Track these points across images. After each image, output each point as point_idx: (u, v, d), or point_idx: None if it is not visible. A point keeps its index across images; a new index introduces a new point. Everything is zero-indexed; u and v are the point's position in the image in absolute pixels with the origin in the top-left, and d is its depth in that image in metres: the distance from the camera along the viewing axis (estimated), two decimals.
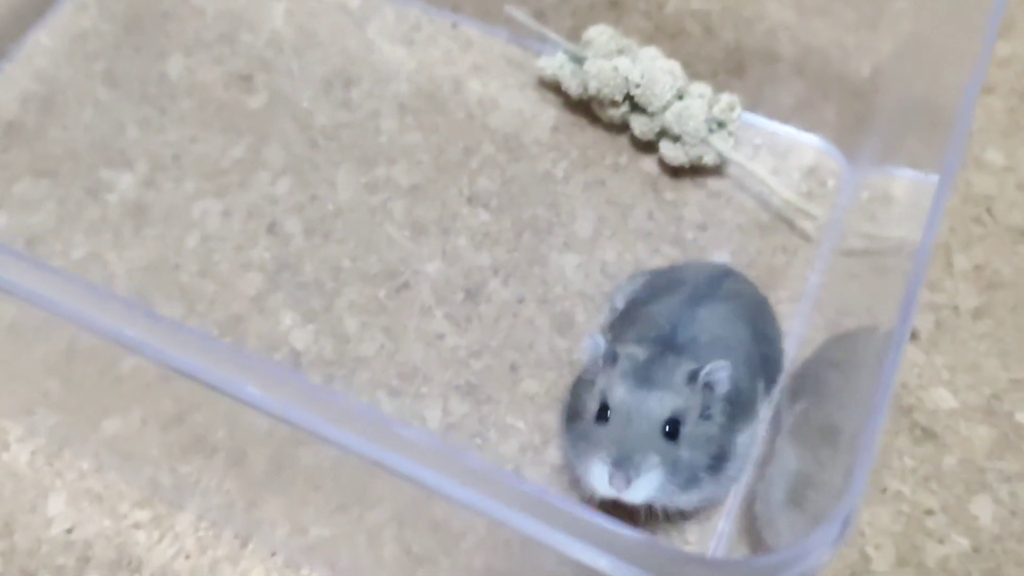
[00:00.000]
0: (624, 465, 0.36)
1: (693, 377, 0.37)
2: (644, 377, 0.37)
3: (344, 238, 0.49)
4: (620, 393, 0.37)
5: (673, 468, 0.37)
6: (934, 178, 0.34)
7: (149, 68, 0.54)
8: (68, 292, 0.28)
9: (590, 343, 0.39)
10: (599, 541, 0.26)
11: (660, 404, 0.37)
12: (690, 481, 0.37)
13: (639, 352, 0.38)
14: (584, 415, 0.39)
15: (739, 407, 0.39)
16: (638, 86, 0.48)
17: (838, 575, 0.41)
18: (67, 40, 0.55)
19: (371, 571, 0.43)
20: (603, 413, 0.37)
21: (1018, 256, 0.48)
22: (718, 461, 0.38)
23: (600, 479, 0.36)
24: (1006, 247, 0.48)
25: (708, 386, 0.38)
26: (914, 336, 0.46)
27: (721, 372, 0.37)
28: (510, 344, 0.46)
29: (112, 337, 0.27)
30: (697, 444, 0.37)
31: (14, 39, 0.56)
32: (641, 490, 0.36)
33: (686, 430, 0.37)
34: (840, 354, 0.40)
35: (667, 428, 0.37)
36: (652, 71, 0.48)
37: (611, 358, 0.38)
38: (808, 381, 0.42)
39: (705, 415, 0.38)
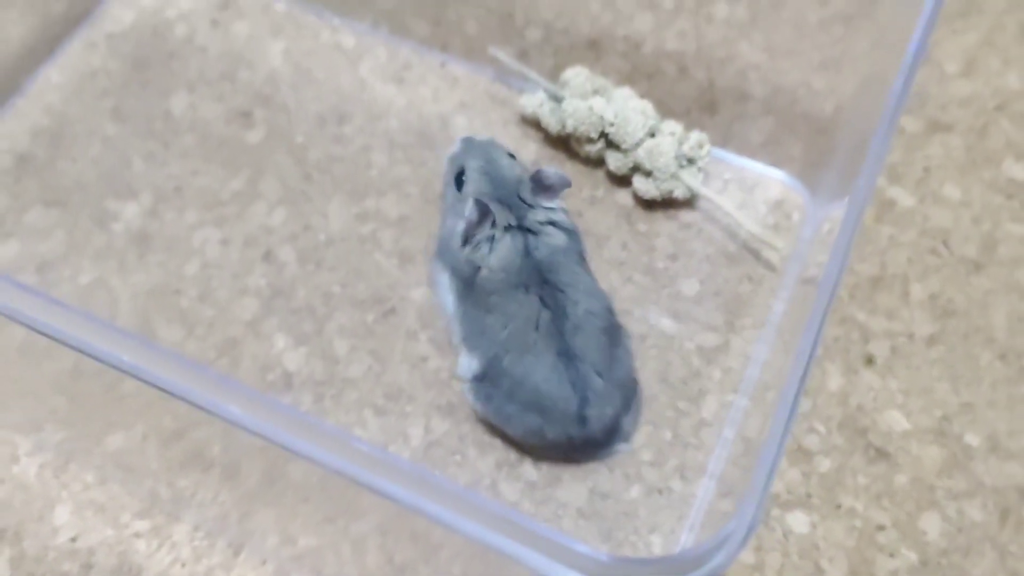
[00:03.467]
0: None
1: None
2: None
3: (335, 266, 0.52)
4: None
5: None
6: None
7: (154, 105, 0.58)
8: (70, 321, 0.31)
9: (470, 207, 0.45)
10: (562, 558, 0.29)
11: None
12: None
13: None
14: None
15: None
16: (612, 124, 0.51)
17: None
18: (77, 77, 0.59)
19: None
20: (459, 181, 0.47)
21: (971, 286, 0.51)
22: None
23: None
24: (960, 278, 0.51)
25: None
26: (871, 361, 0.49)
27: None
28: None
29: (110, 363, 0.30)
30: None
31: (26, 75, 0.59)
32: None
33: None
34: None
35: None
36: (625, 110, 0.51)
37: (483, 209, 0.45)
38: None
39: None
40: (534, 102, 0.55)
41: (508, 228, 0.46)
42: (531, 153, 0.56)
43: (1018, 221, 0.53)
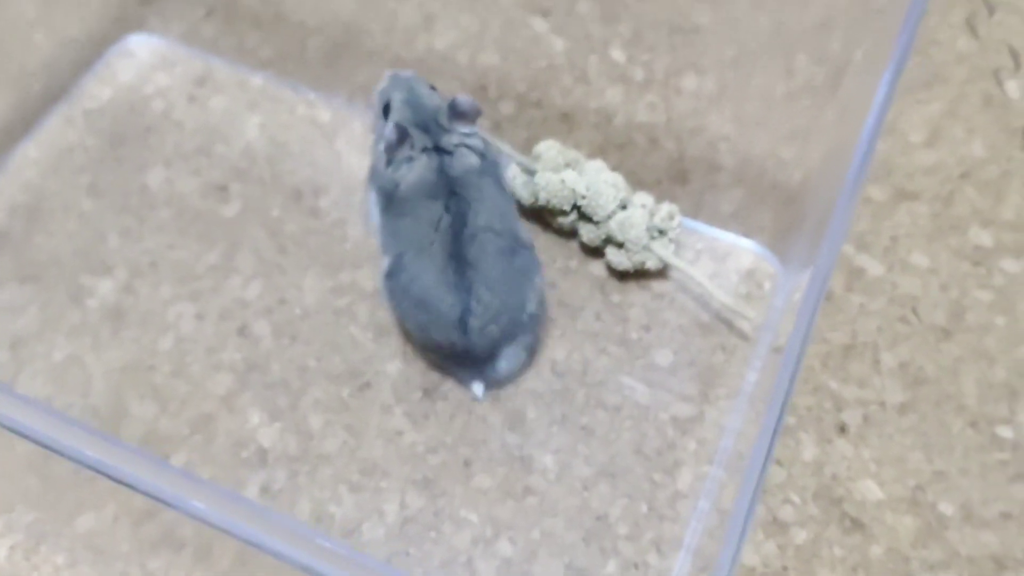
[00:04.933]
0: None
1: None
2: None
3: (310, 339, 0.52)
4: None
5: None
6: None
7: (131, 179, 0.58)
8: (32, 416, 0.31)
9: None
10: None
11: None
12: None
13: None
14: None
15: None
16: (584, 197, 0.52)
17: None
18: (54, 153, 0.59)
19: None
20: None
21: (941, 354, 0.52)
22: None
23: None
24: (930, 345, 0.52)
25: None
26: (844, 430, 0.49)
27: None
28: (464, 440, 0.49)
29: (74, 459, 0.30)
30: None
31: (4, 152, 0.59)
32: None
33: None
34: None
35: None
36: (597, 183, 0.52)
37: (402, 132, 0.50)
38: None
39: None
40: (508, 174, 0.55)
41: (425, 149, 0.50)
42: None
43: (985, 288, 0.54)
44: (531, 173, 0.54)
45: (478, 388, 0.50)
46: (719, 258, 0.55)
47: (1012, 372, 0.51)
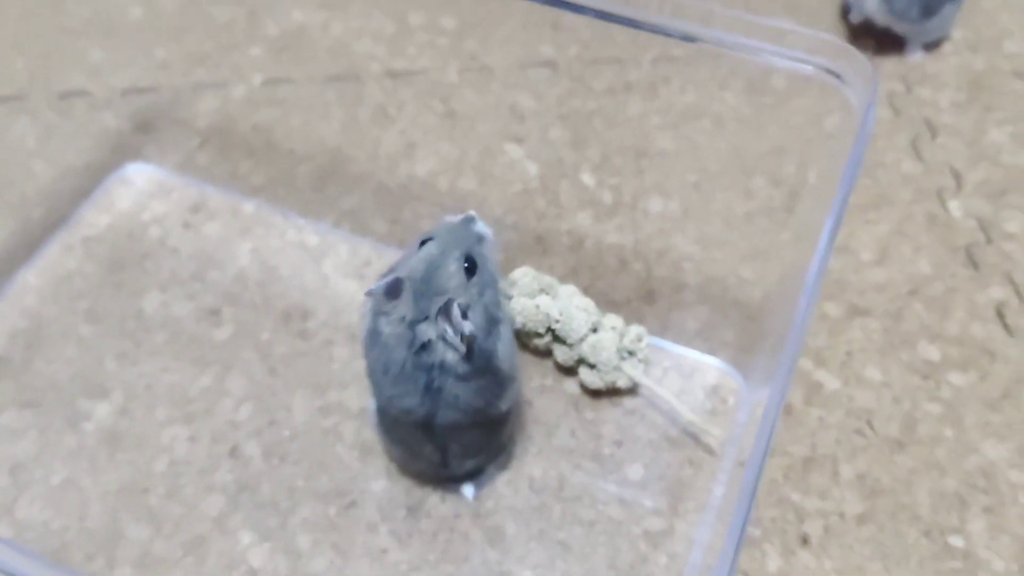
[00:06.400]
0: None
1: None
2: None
3: (299, 459, 0.55)
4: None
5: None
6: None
7: (128, 305, 0.61)
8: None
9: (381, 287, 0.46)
10: None
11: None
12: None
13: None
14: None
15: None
16: (558, 321, 0.56)
17: None
18: (54, 280, 0.62)
19: None
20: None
21: (895, 465, 0.55)
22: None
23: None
24: (885, 457, 0.55)
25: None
26: (806, 541, 0.52)
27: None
28: (447, 557, 0.51)
29: None
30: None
31: (5, 278, 0.62)
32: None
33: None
34: None
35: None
36: (569, 308, 0.56)
37: (396, 285, 0.46)
38: None
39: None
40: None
41: (403, 319, 0.46)
42: None
43: (935, 401, 0.57)
44: (508, 297, 0.58)
45: (468, 491, 0.53)
46: (686, 375, 0.58)
47: (961, 483, 0.54)
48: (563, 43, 0.78)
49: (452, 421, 0.48)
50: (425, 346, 0.46)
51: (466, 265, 0.47)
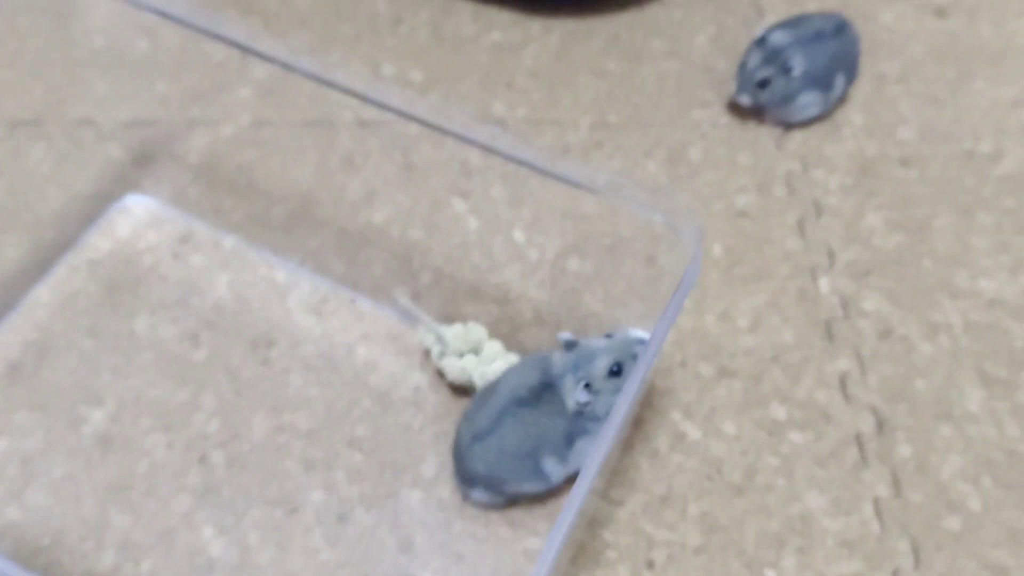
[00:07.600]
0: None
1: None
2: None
3: (255, 470, 0.68)
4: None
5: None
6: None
7: (122, 325, 0.73)
8: None
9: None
10: None
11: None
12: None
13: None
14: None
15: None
16: (483, 376, 0.68)
17: None
18: (61, 297, 0.75)
19: None
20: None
21: (732, 507, 0.68)
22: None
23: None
24: (726, 499, 0.68)
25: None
26: (651, 565, 0.66)
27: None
28: (366, 559, 0.64)
29: None
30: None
31: (20, 294, 0.74)
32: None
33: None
34: None
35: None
36: (491, 370, 0.68)
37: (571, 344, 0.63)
38: None
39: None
40: (427, 339, 0.71)
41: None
42: (415, 381, 0.72)
43: (774, 455, 0.70)
44: (445, 344, 0.70)
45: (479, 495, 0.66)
46: None
47: (783, 526, 0.67)
48: (514, 102, 0.89)
49: None
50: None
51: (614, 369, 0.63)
